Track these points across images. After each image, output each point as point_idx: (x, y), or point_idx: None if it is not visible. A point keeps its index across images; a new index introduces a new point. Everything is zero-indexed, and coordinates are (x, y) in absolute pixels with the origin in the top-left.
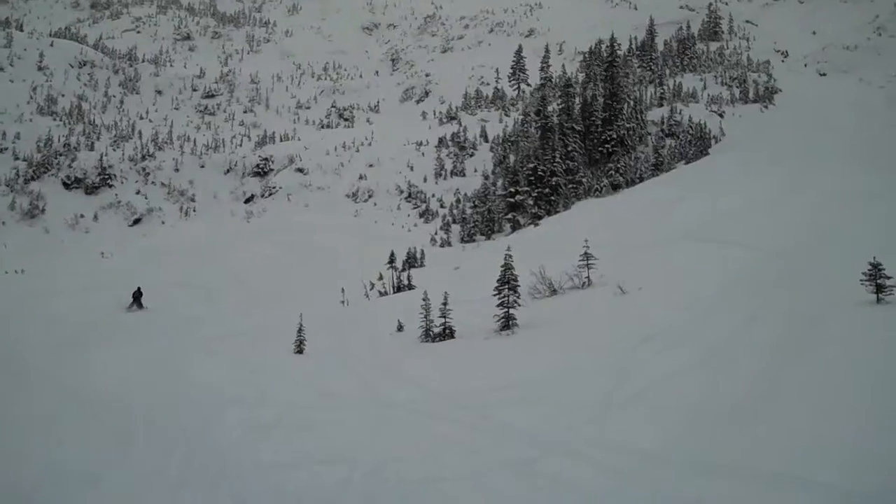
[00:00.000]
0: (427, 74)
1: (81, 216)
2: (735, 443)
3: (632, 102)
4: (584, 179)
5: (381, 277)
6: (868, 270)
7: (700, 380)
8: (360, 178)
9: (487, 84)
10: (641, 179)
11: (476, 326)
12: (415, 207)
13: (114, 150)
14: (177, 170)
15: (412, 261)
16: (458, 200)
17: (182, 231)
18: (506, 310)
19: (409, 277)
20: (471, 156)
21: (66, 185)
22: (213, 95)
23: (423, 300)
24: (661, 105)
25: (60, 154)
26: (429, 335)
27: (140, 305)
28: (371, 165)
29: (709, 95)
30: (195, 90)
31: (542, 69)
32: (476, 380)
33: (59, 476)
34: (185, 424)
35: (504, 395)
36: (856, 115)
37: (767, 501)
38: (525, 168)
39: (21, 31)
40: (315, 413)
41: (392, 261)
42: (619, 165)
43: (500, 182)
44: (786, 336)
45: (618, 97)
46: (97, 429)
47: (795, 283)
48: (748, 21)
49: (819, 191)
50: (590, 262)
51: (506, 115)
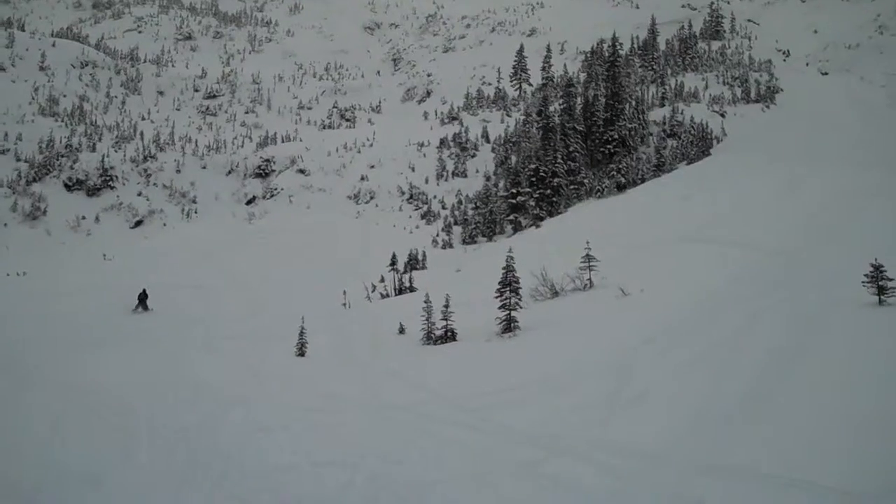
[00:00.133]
0: (429, 74)
1: (83, 218)
2: (737, 444)
3: (633, 102)
4: (586, 180)
5: (383, 279)
6: (870, 272)
7: (702, 381)
8: (362, 180)
9: (489, 84)
10: (643, 180)
11: (478, 328)
12: (416, 209)
13: (115, 152)
14: (178, 171)
15: (414, 262)
16: (460, 202)
17: (183, 233)
18: (507, 312)
19: (411, 279)
20: (472, 156)
21: (68, 187)
22: (215, 96)
23: (425, 302)
24: (663, 105)
25: (62, 155)
26: (430, 337)
27: (145, 307)
28: (372, 166)
29: (710, 95)
30: (197, 91)
31: (544, 69)
32: (478, 382)
33: (61, 476)
34: (188, 425)
35: (506, 397)
36: (858, 114)
37: (769, 502)
38: (527, 169)
39: (23, 31)
40: (317, 415)
41: (393, 263)
42: (621, 166)
43: (502, 183)
44: (788, 338)
45: (619, 97)
46: (100, 429)
47: (797, 285)
48: (750, 20)
49: (821, 191)
50: (591, 264)
51: (507, 116)
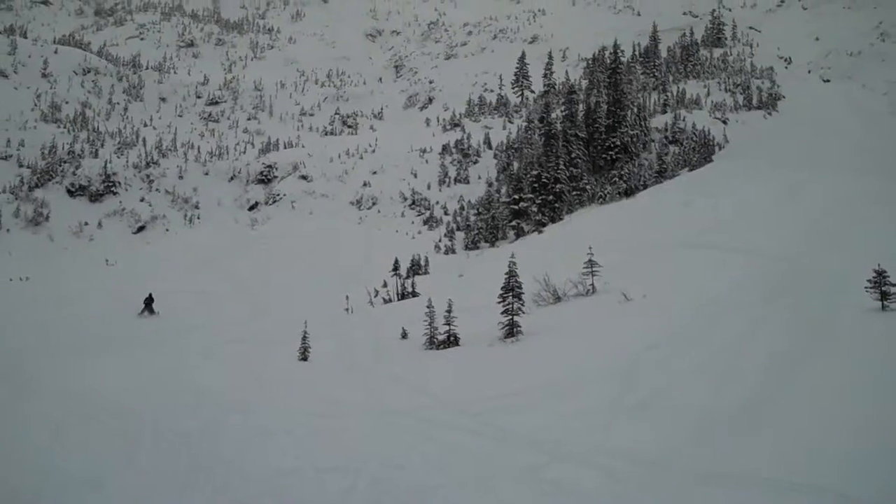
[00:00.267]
0: (430, 81)
1: (86, 224)
2: (739, 450)
3: (635, 109)
4: (588, 186)
5: (385, 285)
6: (873, 278)
7: (704, 387)
8: (364, 185)
9: (491, 91)
10: (645, 186)
11: (480, 334)
12: (419, 214)
13: (118, 158)
14: (181, 177)
15: (416, 268)
16: (462, 207)
17: (186, 238)
18: (510, 317)
19: (413, 285)
20: (474, 163)
21: (71, 193)
22: (217, 102)
23: (427, 307)
24: (665, 112)
25: (65, 161)
26: (433, 342)
27: (151, 311)
28: (375, 172)
29: (712, 102)
30: (199, 97)
31: (546, 76)
32: (481, 387)
33: (63, 481)
34: (190, 430)
35: (509, 402)
36: (859, 122)
37: None
38: (529, 175)
39: (25, 38)
40: (319, 420)
41: (396, 268)
42: (623, 172)
43: (504, 189)
44: (790, 344)
45: (621, 104)
46: (102, 434)
47: (799, 291)
48: (751, 27)
49: (822, 197)
50: (594, 270)
51: (509, 122)
